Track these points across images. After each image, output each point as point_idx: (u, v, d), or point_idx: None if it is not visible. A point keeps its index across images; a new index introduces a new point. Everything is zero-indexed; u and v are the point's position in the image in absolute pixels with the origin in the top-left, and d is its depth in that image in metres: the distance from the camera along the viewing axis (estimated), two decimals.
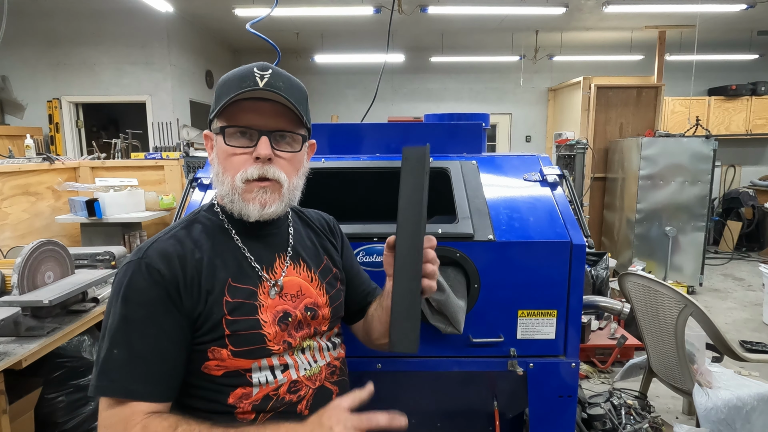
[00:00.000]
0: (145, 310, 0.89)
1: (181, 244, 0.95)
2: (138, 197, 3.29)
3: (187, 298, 0.91)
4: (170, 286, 0.90)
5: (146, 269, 0.90)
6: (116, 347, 0.87)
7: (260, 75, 0.94)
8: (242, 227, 1.01)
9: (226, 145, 0.96)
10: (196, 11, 6.62)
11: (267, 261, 1.01)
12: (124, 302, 0.89)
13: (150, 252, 0.93)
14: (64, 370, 2.53)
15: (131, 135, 4.19)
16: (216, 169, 0.99)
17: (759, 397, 2.19)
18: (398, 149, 1.74)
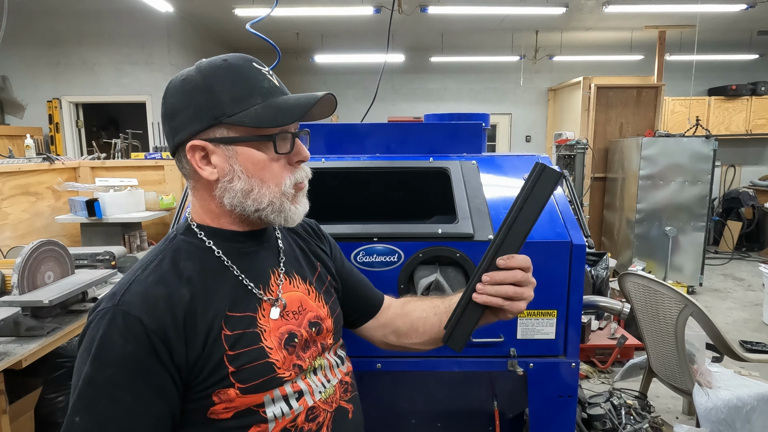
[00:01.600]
0: (117, 369, 0.74)
1: (164, 282, 0.82)
2: (138, 197, 3.29)
3: (179, 346, 0.78)
4: (155, 338, 0.76)
5: (123, 320, 0.76)
6: (78, 415, 0.73)
7: (268, 73, 0.88)
8: (230, 247, 0.89)
9: (270, 153, 0.86)
10: (196, 11, 6.62)
11: (262, 279, 0.91)
12: (94, 361, 0.74)
13: (128, 297, 0.79)
14: (64, 370, 2.53)
15: (131, 135, 4.19)
16: (243, 185, 0.84)
17: (759, 397, 2.19)
18: (398, 149, 1.75)
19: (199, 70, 0.85)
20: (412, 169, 1.62)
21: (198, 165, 0.85)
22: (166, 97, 0.87)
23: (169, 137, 0.88)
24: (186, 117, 0.84)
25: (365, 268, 1.38)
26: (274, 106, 0.84)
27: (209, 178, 0.85)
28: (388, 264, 1.38)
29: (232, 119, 0.82)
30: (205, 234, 0.89)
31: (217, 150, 0.84)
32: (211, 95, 0.83)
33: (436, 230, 1.39)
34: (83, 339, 0.78)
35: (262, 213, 0.87)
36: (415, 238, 1.39)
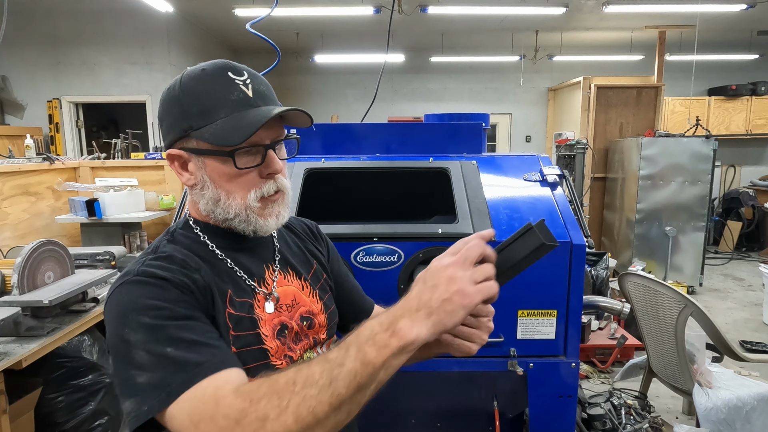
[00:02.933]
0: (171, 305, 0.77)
1: (171, 258, 0.84)
2: (138, 197, 3.29)
3: (202, 299, 0.81)
4: (182, 288, 0.79)
5: (149, 278, 0.79)
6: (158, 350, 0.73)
7: (243, 82, 0.86)
8: (226, 242, 0.92)
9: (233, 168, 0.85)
10: (196, 11, 6.62)
11: (257, 274, 0.93)
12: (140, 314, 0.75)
13: (143, 268, 0.81)
14: (64, 370, 2.53)
15: (131, 135, 4.19)
16: (212, 194, 0.87)
17: (759, 397, 2.19)
18: (398, 149, 1.75)
19: (180, 79, 0.88)
20: (412, 169, 1.62)
21: (178, 171, 0.90)
22: (161, 102, 0.91)
23: (162, 140, 0.94)
24: (167, 126, 0.89)
25: (365, 268, 1.38)
26: (232, 123, 0.83)
27: (187, 184, 0.90)
28: (388, 264, 1.38)
29: (196, 133, 0.84)
30: (201, 229, 0.92)
31: (191, 159, 0.88)
32: (181, 107, 0.86)
33: (436, 230, 1.39)
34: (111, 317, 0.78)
35: (231, 222, 0.89)
36: (415, 238, 1.39)
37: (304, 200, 1.48)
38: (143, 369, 0.72)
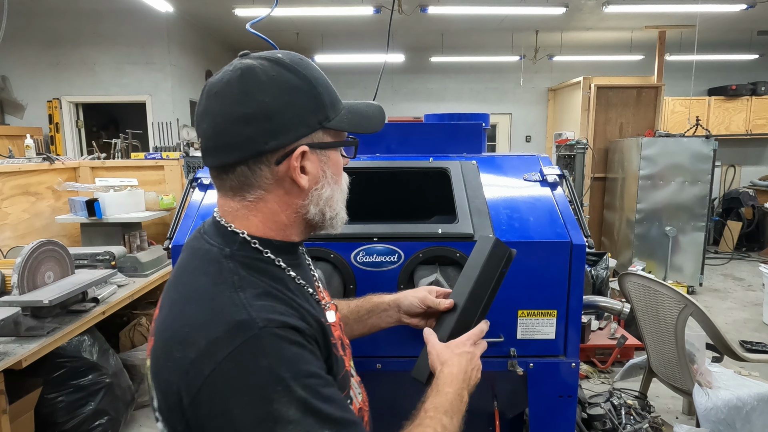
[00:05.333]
0: (318, 368, 0.68)
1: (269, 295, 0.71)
2: (138, 197, 3.29)
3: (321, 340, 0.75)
4: (312, 342, 0.71)
5: (287, 331, 0.66)
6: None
7: None
8: (288, 258, 0.80)
9: (343, 160, 0.83)
10: (196, 11, 6.62)
11: (313, 286, 0.85)
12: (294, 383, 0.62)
13: (263, 316, 0.66)
14: (64, 370, 2.53)
15: (131, 135, 4.19)
16: (329, 192, 0.80)
17: (759, 397, 2.19)
18: (398, 149, 1.75)
19: (289, 67, 0.75)
20: (412, 169, 1.62)
21: (297, 173, 0.75)
22: (253, 94, 0.72)
23: (256, 141, 0.72)
24: (290, 120, 0.73)
25: (365, 268, 1.38)
26: (357, 112, 0.82)
27: (304, 186, 0.76)
28: (388, 264, 1.38)
29: (331, 124, 0.77)
30: (272, 251, 0.77)
31: (312, 156, 0.76)
32: (315, 98, 0.75)
33: (436, 230, 1.39)
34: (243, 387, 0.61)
35: (334, 220, 0.83)
36: (415, 238, 1.39)
37: None
38: None
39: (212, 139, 0.74)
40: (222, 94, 0.74)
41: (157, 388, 0.70)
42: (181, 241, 1.38)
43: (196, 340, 0.64)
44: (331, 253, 1.37)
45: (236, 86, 0.73)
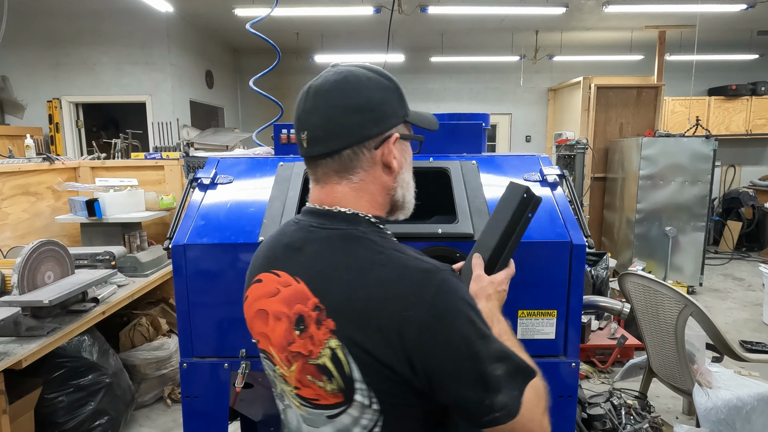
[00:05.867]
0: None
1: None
2: (138, 197, 3.29)
3: None
4: None
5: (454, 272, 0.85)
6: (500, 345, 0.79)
7: None
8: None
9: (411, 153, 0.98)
10: (196, 11, 6.62)
11: None
12: (474, 307, 0.80)
13: (435, 262, 0.83)
14: (64, 370, 2.53)
15: (131, 135, 4.19)
16: (408, 177, 0.96)
17: (759, 397, 2.19)
18: None
19: (380, 72, 0.90)
20: None
21: (392, 155, 0.89)
22: (360, 90, 0.85)
23: (363, 127, 0.86)
24: (387, 111, 0.88)
25: None
26: (419, 113, 0.96)
27: (395, 169, 0.90)
28: None
29: (409, 118, 0.92)
30: (384, 227, 0.91)
31: (398, 144, 0.90)
32: (399, 96, 0.91)
33: (436, 230, 1.39)
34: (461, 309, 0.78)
35: (409, 204, 0.97)
36: (415, 238, 1.39)
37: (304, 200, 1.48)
38: (500, 360, 0.77)
39: (322, 129, 0.85)
40: (332, 91, 0.85)
41: (365, 351, 0.77)
42: (181, 241, 1.38)
43: (402, 291, 0.77)
44: None
45: (344, 84, 0.86)
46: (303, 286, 0.83)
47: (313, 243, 0.86)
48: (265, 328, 0.89)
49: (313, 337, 0.81)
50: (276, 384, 0.94)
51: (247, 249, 1.38)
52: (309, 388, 0.84)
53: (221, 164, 1.65)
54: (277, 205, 1.45)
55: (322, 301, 0.80)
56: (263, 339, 0.91)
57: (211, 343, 1.43)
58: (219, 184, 1.57)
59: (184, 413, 1.46)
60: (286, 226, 0.94)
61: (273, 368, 0.91)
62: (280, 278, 0.87)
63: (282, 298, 0.86)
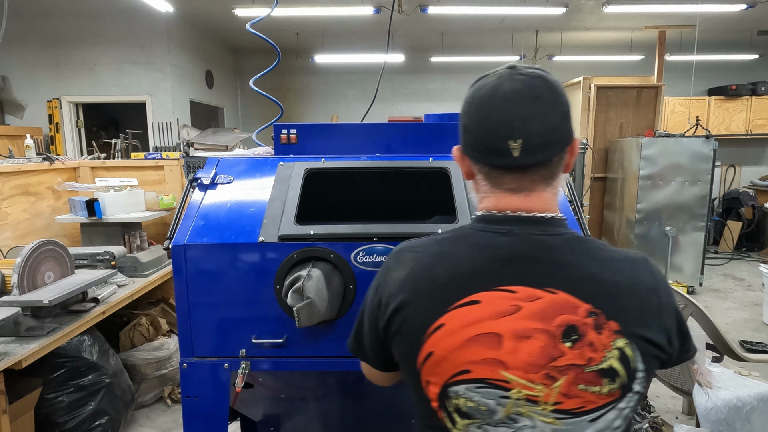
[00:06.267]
0: None
1: None
2: (138, 197, 3.29)
3: None
4: None
5: None
6: None
7: None
8: None
9: None
10: (196, 11, 6.62)
11: None
12: None
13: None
14: (64, 370, 2.53)
15: (131, 135, 4.19)
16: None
17: (759, 397, 2.19)
18: (398, 149, 1.74)
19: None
20: (412, 169, 1.62)
21: (574, 157, 0.91)
22: (563, 95, 0.89)
23: (570, 133, 0.88)
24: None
25: (365, 268, 1.38)
26: None
27: (569, 169, 0.91)
28: None
29: None
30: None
31: None
32: None
33: (436, 230, 1.39)
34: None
35: None
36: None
37: (304, 200, 1.48)
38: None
39: (542, 136, 0.82)
40: (545, 97, 0.84)
41: (648, 340, 0.80)
42: (181, 241, 1.38)
43: (647, 280, 0.84)
44: (331, 253, 1.37)
45: (554, 89, 0.86)
46: (565, 296, 0.78)
47: (549, 251, 0.82)
48: (497, 353, 0.78)
49: (594, 344, 0.77)
50: (497, 411, 0.80)
51: (247, 249, 1.38)
52: (577, 398, 0.78)
53: (221, 164, 1.65)
54: (277, 205, 1.45)
55: (596, 306, 0.78)
56: (488, 366, 0.79)
57: (211, 343, 1.43)
58: (219, 184, 1.57)
59: (184, 413, 1.46)
60: (483, 238, 0.86)
61: (499, 395, 0.79)
62: (516, 294, 0.79)
63: (529, 314, 0.78)
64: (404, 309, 0.84)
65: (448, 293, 0.81)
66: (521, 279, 0.80)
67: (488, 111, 0.84)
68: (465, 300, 0.80)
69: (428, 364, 0.82)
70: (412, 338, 0.83)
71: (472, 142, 0.89)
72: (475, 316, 0.79)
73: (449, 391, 0.81)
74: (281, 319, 1.38)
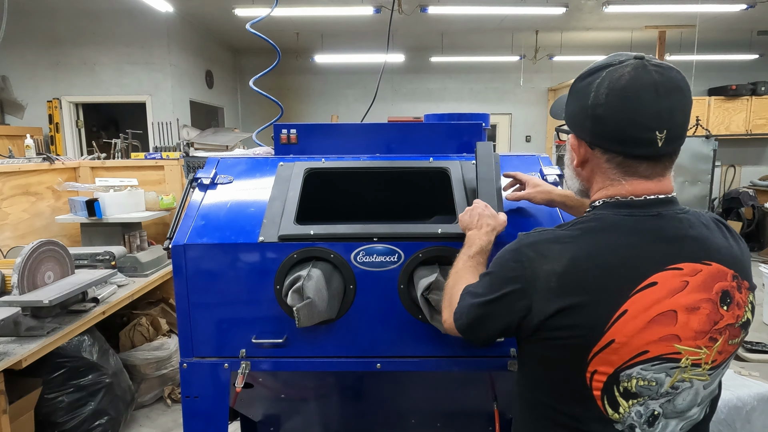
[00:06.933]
0: None
1: None
2: (138, 197, 3.29)
3: None
4: None
5: None
6: None
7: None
8: None
9: None
10: (196, 11, 6.62)
11: None
12: None
13: None
14: (64, 370, 2.53)
15: (131, 135, 4.18)
16: None
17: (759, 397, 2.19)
18: (398, 149, 1.75)
19: None
20: (412, 169, 1.62)
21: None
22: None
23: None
24: None
25: (365, 268, 1.38)
26: None
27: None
28: (388, 264, 1.38)
29: None
30: None
31: None
32: None
33: (436, 230, 1.39)
34: None
35: None
36: (415, 238, 1.39)
37: (304, 200, 1.48)
38: None
39: (683, 127, 0.90)
40: (684, 89, 0.88)
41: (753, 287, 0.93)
42: (181, 241, 1.38)
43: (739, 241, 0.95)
44: (331, 253, 1.37)
45: (686, 82, 0.89)
46: (717, 266, 0.87)
47: (690, 228, 0.90)
48: (673, 328, 0.84)
49: (739, 303, 0.88)
50: (664, 384, 0.86)
51: (247, 249, 1.38)
52: (725, 352, 0.89)
53: (221, 164, 1.65)
54: (277, 205, 1.45)
55: (735, 270, 0.88)
56: (664, 343, 0.84)
57: (211, 343, 1.43)
58: (219, 184, 1.57)
59: (184, 413, 1.46)
60: (637, 223, 0.89)
61: (670, 367, 0.85)
62: (683, 271, 0.85)
63: (694, 287, 0.85)
64: (577, 304, 0.84)
65: (626, 279, 0.84)
66: (682, 256, 0.86)
67: (632, 102, 0.85)
68: (645, 283, 0.84)
69: (604, 353, 0.84)
70: (588, 331, 0.84)
71: (608, 132, 0.89)
72: (654, 297, 0.83)
73: (621, 375, 0.85)
74: (281, 319, 1.38)
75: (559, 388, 0.91)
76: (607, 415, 0.87)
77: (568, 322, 0.84)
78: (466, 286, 1.01)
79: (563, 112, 1.05)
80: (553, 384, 0.92)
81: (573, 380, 0.87)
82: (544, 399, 0.93)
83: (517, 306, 0.88)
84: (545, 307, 0.85)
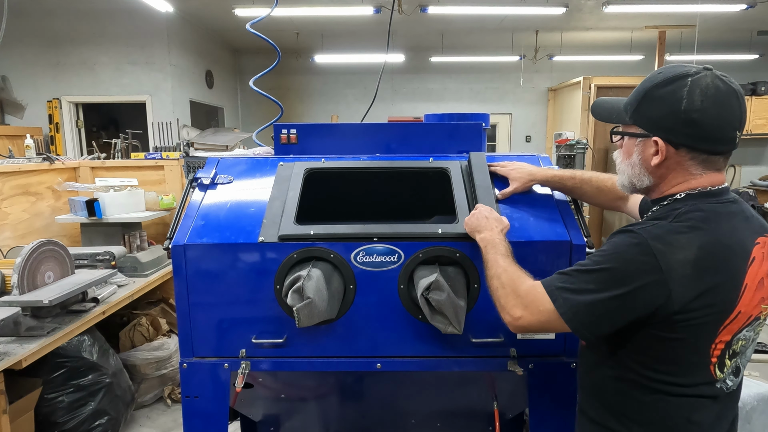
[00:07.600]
0: None
1: None
2: (138, 197, 3.29)
3: None
4: None
5: None
6: None
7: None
8: None
9: None
10: (196, 11, 6.62)
11: None
12: None
13: None
14: (64, 370, 2.53)
15: (131, 135, 4.18)
16: None
17: (759, 397, 2.19)
18: (398, 149, 1.75)
19: None
20: (412, 169, 1.62)
21: None
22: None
23: None
24: None
25: (365, 268, 1.38)
26: None
27: None
28: (388, 264, 1.38)
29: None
30: None
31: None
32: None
33: (436, 230, 1.39)
34: None
35: None
36: (415, 238, 1.39)
37: (304, 200, 1.48)
38: None
39: (744, 127, 1.03)
40: (743, 95, 1.03)
41: None
42: (181, 241, 1.38)
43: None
44: (331, 253, 1.37)
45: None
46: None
47: (748, 208, 1.06)
48: (763, 292, 1.01)
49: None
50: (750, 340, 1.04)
51: (247, 249, 1.38)
52: None
53: (221, 164, 1.66)
54: (277, 205, 1.45)
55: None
56: (759, 306, 1.01)
57: (211, 343, 1.43)
58: (219, 184, 1.57)
59: (184, 413, 1.46)
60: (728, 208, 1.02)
61: (756, 325, 1.03)
62: (761, 243, 1.01)
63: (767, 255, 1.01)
64: (714, 285, 0.96)
65: (742, 258, 0.99)
66: (757, 231, 1.02)
67: (725, 108, 0.98)
68: (750, 258, 0.99)
69: (732, 324, 0.98)
70: (724, 307, 0.97)
71: (702, 134, 0.99)
72: (756, 269, 0.99)
73: (734, 339, 1.01)
74: (281, 319, 1.38)
75: (676, 362, 1.01)
76: (714, 377, 1.01)
77: (707, 302, 0.95)
78: (554, 284, 1.04)
79: (612, 114, 1.14)
80: (669, 360, 1.01)
81: (698, 353, 0.99)
82: (649, 374, 1.02)
83: (655, 296, 0.95)
84: (685, 293, 0.94)
